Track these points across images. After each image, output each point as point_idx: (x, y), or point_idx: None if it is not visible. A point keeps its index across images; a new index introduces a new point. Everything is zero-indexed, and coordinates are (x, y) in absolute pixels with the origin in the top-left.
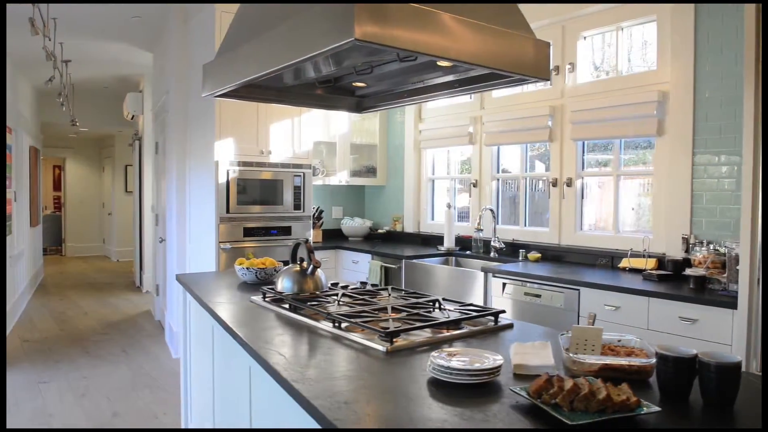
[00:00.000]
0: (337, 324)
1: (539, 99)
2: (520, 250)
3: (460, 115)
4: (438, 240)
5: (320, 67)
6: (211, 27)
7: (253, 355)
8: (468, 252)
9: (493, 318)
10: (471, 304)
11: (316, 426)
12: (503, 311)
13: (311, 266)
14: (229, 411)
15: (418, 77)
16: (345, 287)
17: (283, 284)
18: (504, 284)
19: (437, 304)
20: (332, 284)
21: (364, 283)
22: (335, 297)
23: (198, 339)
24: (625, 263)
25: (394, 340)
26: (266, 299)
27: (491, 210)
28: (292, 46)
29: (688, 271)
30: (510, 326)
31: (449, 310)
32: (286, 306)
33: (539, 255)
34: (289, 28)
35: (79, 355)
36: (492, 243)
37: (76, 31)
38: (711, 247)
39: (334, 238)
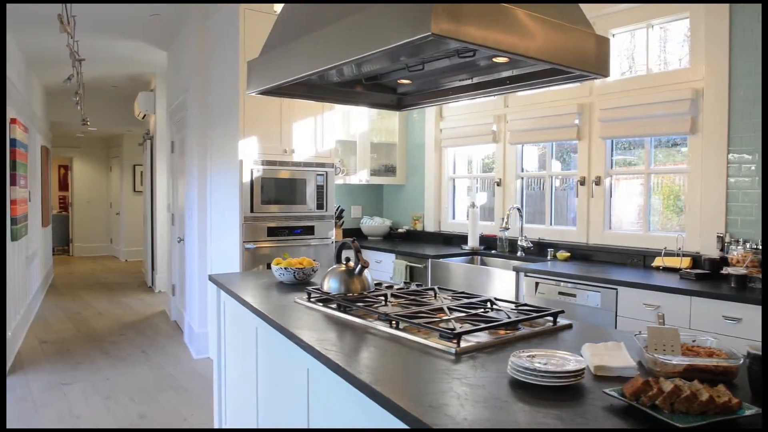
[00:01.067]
0: (395, 324)
1: (566, 97)
2: (548, 250)
3: (483, 113)
4: (460, 239)
5: (374, 64)
6: (234, 25)
7: (319, 358)
8: (493, 251)
9: (551, 318)
10: (525, 304)
11: (400, 426)
12: (562, 311)
13: (359, 266)
14: (278, 412)
15: (468, 74)
16: (390, 287)
17: (330, 284)
18: (537, 283)
19: (490, 304)
20: (375, 284)
21: (407, 283)
22: (384, 297)
23: (236, 340)
24: (658, 262)
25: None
26: (311, 300)
27: (518, 209)
28: (359, 41)
29: (728, 270)
30: (569, 327)
31: (506, 311)
32: (334, 306)
33: (568, 254)
34: (351, 25)
35: (98, 356)
36: (519, 242)
37: (91, 28)
38: (748, 246)
39: (354, 238)
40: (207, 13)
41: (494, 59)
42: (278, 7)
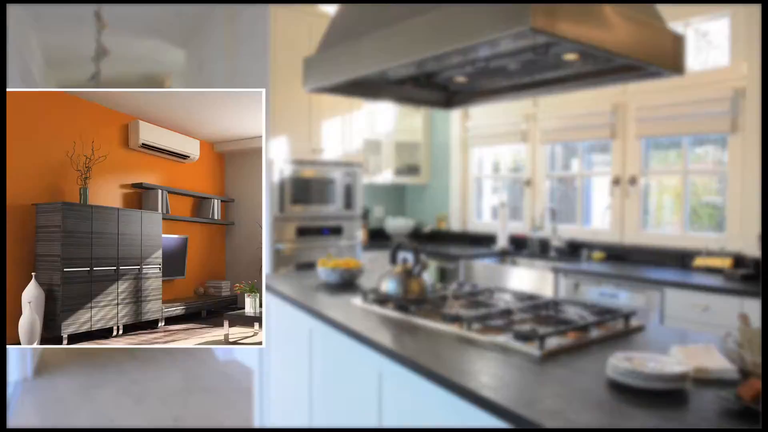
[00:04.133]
0: (466, 326)
1: (599, 96)
2: (583, 250)
3: (512, 112)
4: (487, 239)
5: (449, 59)
6: (264, 23)
7: (402, 362)
8: (524, 251)
9: (623, 319)
10: (594, 305)
11: (503, 426)
12: (634, 312)
13: (419, 267)
14: (338, 413)
15: (529, 73)
16: (444, 288)
17: (387, 285)
18: (576, 284)
19: (554, 305)
20: None
21: (461, 284)
22: (445, 299)
23: (282, 342)
24: (699, 262)
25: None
26: (368, 301)
27: (552, 209)
28: (453, 34)
29: None
30: (641, 328)
31: (575, 312)
32: (392, 307)
33: (604, 254)
34: (440, 19)
35: (123, 358)
36: (552, 242)
37: (111, 27)
38: None
39: (377, 238)
40: (234, 11)
41: (564, 56)
42: (325, 8)
